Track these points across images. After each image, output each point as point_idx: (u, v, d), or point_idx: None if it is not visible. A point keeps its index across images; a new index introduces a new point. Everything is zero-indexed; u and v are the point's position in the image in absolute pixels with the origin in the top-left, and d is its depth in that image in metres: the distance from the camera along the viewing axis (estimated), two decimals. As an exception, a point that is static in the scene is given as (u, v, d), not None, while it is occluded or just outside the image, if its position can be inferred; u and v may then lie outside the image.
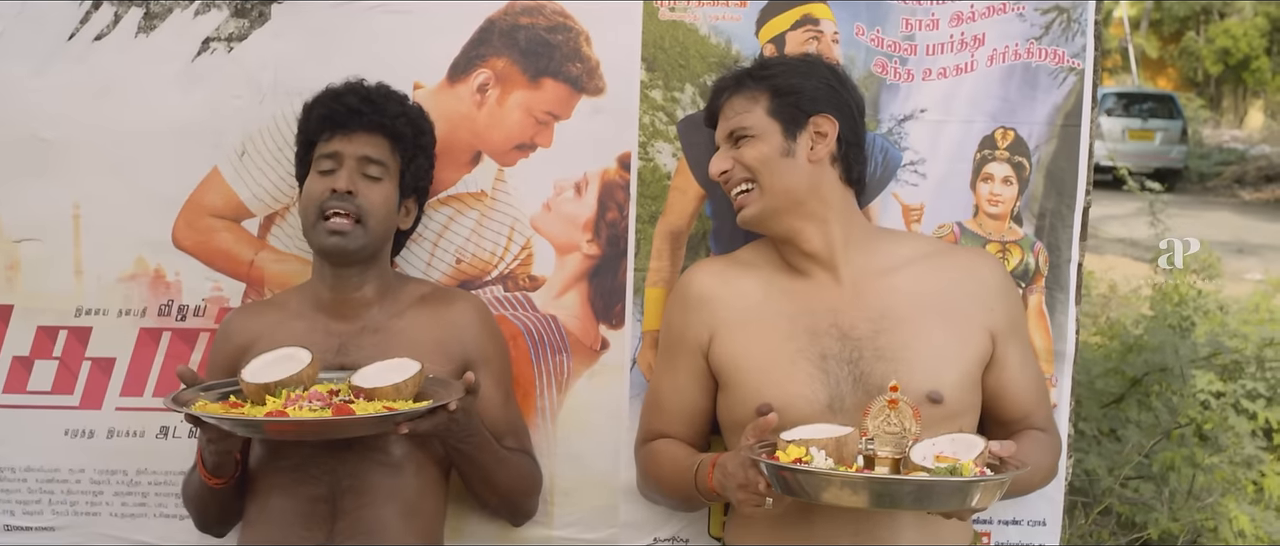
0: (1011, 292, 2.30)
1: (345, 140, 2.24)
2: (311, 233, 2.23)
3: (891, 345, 2.13)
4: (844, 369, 2.12)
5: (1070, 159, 2.48)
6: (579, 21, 2.47)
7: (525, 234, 2.49)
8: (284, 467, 2.21)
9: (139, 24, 2.48)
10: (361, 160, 2.24)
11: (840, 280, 2.20)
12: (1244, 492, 4.27)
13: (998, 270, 2.30)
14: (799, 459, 1.86)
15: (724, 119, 2.24)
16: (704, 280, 2.28)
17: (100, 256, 2.49)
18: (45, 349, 2.51)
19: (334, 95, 2.27)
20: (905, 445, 1.90)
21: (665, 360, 2.32)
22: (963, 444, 1.89)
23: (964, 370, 2.16)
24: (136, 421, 2.51)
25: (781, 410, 2.02)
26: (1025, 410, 2.25)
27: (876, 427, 1.91)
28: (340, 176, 2.21)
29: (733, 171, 2.20)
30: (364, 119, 2.24)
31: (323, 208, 2.20)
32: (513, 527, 2.47)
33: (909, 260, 2.24)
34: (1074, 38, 2.47)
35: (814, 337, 2.15)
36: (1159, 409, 4.54)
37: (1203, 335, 5.19)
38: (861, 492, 1.81)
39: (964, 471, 1.81)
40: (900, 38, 2.46)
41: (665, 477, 2.27)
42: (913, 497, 1.84)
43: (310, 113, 2.29)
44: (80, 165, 2.48)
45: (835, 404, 2.10)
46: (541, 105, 2.47)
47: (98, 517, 2.53)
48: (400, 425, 2.00)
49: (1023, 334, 2.30)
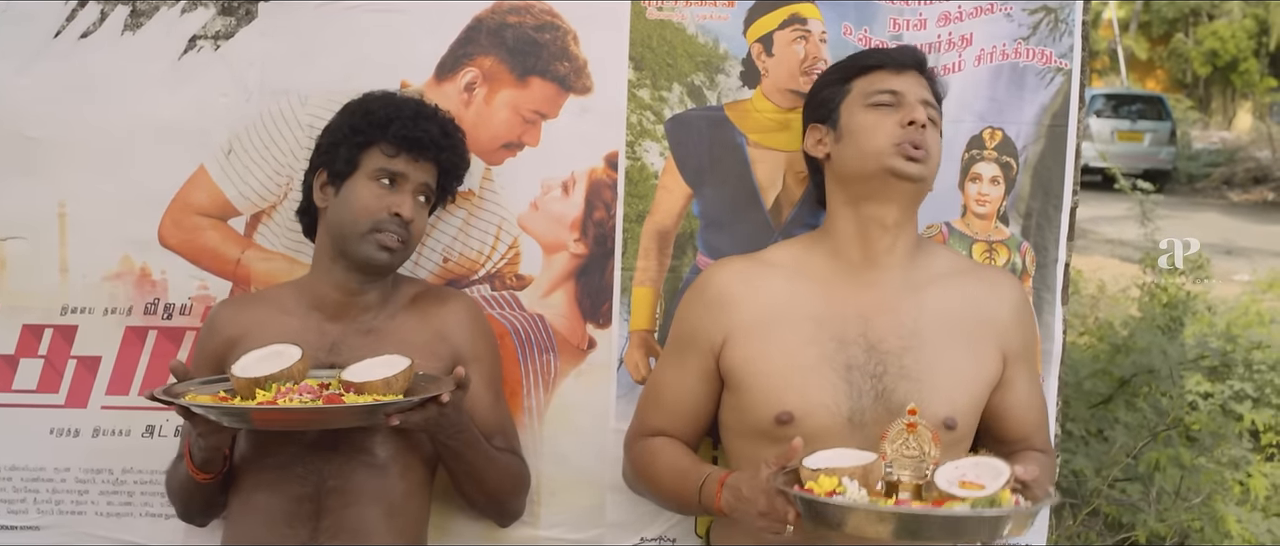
0: (1028, 316, 2.29)
1: (412, 163, 2.23)
2: (357, 241, 2.21)
3: (917, 365, 2.09)
4: (867, 383, 2.08)
5: (1057, 159, 2.48)
6: (566, 20, 2.47)
7: (512, 233, 2.49)
8: (270, 465, 2.20)
9: (125, 22, 2.47)
10: (422, 187, 2.25)
11: (875, 285, 2.15)
12: (1231, 493, 4.28)
13: (1019, 292, 2.27)
14: (833, 491, 1.80)
15: (921, 87, 2.19)
16: (724, 280, 2.22)
17: (86, 255, 2.49)
18: (30, 347, 2.50)
19: (413, 115, 2.25)
20: (925, 470, 1.86)
21: (673, 356, 2.27)
22: (986, 468, 1.84)
23: (976, 394, 2.13)
24: (122, 420, 2.51)
25: (801, 418, 2.00)
26: (1026, 432, 2.22)
27: (895, 451, 1.87)
28: (405, 201, 2.22)
29: (927, 134, 2.13)
30: (440, 153, 2.26)
31: (379, 224, 2.20)
32: (499, 528, 2.47)
33: (941, 276, 2.20)
34: (1061, 38, 2.47)
35: (841, 345, 2.10)
36: (1147, 410, 4.55)
37: (1191, 336, 5.20)
38: (889, 524, 1.74)
39: (1002, 500, 1.76)
40: (888, 37, 2.46)
41: (663, 482, 2.21)
42: (942, 530, 1.77)
43: (378, 120, 2.24)
44: (66, 163, 2.47)
45: (855, 418, 2.06)
46: (529, 104, 2.47)
47: (83, 516, 2.52)
48: (390, 417, 2.00)
49: (1032, 357, 2.28)
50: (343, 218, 2.23)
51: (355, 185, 2.23)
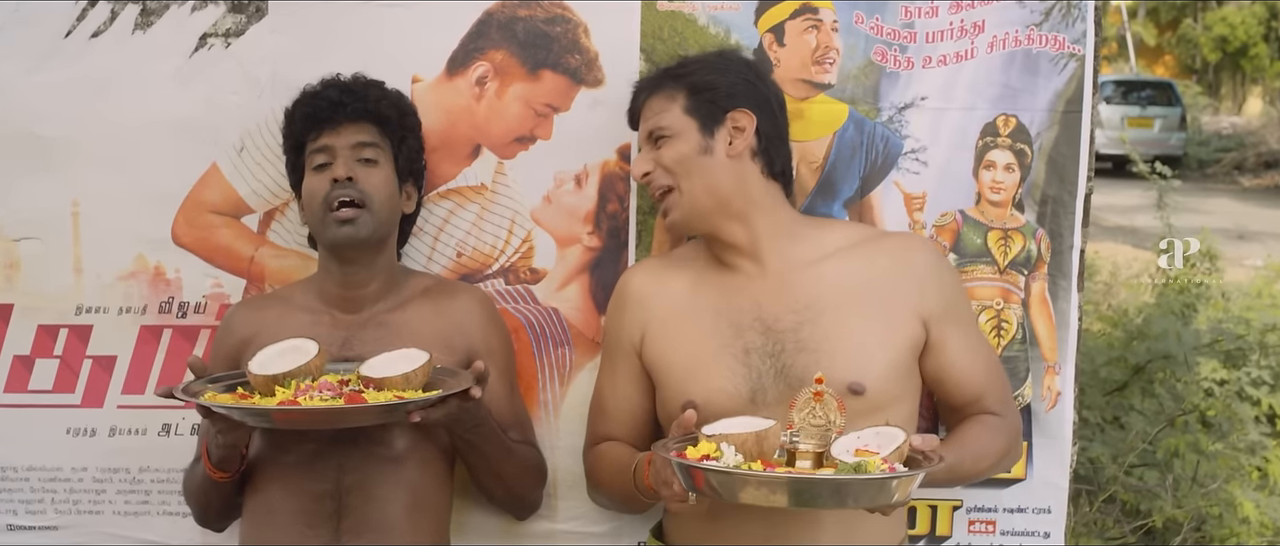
0: (946, 275, 2.27)
1: (333, 134, 2.24)
2: (321, 228, 2.23)
3: (814, 337, 2.12)
4: (766, 362, 2.12)
5: (1072, 145, 2.47)
6: (577, 13, 2.46)
7: (526, 227, 2.49)
8: (287, 463, 2.20)
9: (135, 20, 2.47)
10: (354, 147, 2.24)
11: (766, 272, 2.19)
12: (1248, 479, 4.26)
13: (929, 253, 2.28)
14: (707, 455, 1.84)
15: (644, 120, 2.24)
16: (638, 280, 2.30)
17: (100, 254, 2.49)
18: (46, 348, 2.50)
19: (313, 93, 2.28)
20: (830, 438, 1.89)
21: (605, 362, 2.34)
22: (886, 437, 1.87)
23: (891, 359, 2.14)
24: (138, 419, 2.51)
25: (704, 405, 2.02)
26: (974, 394, 2.22)
27: (802, 420, 1.90)
28: (337, 166, 2.22)
29: (654, 174, 2.19)
30: (347, 109, 2.25)
31: (328, 200, 2.20)
32: (517, 522, 2.47)
33: (837, 249, 2.22)
34: (1074, 23, 2.46)
35: (737, 332, 2.15)
36: (1163, 396, 4.53)
37: (1205, 322, 5.18)
38: (778, 492, 1.78)
39: (869, 468, 1.79)
40: (899, 25, 2.45)
41: (608, 479, 2.26)
42: (831, 495, 1.82)
43: (293, 115, 2.29)
44: (78, 163, 2.47)
45: (757, 397, 2.10)
46: (540, 97, 2.46)
47: (101, 516, 2.53)
48: (412, 414, 2.00)
49: (963, 317, 2.27)
50: (308, 215, 2.27)
51: (306, 182, 2.26)
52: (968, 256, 2.47)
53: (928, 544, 2.52)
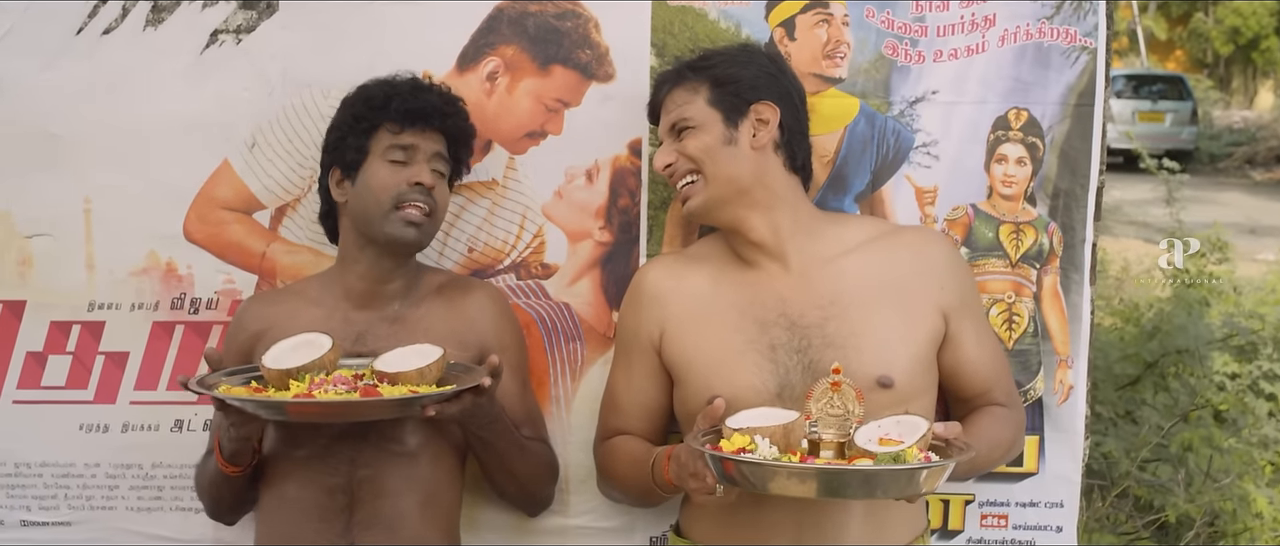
0: (961, 269, 2.30)
1: (420, 135, 2.24)
2: (382, 221, 2.21)
3: (840, 331, 2.13)
4: (793, 358, 2.13)
5: (1084, 139, 2.46)
6: (588, 8, 2.46)
7: (537, 222, 2.49)
8: (300, 457, 2.20)
9: (147, 17, 2.47)
10: (434, 156, 2.25)
11: (789, 268, 2.20)
12: (1262, 473, 4.25)
13: (947, 247, 2.30)
14: (742, 448, 1.85)
15: (666, 112, 2.24)
16: (655, 276, 2.29)
17: (112, 251, 2.49)
18: (59, 344, 2.51)
19: (412, 89, 2.27)
20: (849, 427, 1.90)
21: (620, 358, 2.34)
22: (908, 426, 1.88)
23: (915, 353, 2.15)
24: (151, 415, 2.51)
25: (731, 402, 2.02)
26: (984, 386, 2.25)
27: (820, 410, 1.92)
28: (422, 170, 2.22)
29: (677, 163, 2.20)
30: (444, 119, 2.26)
31: (400, 198, 2.20)
32: (529, 518, 2.47)
33: (858, 245, 2.23)
34: (1086, 17, 2.45)
35: (763, 328, 2.16)
36: (1176, 391, 4.52)
37: (1217, 316, 5.16)
38: (808, 482, 1.80)
39: (907, 457, 1.81)
40: (910, 19, 2.45)
41: (623, 473, 2.27)
42: (861, 486, 1.83)
43: (380, 101, 2.25)
44: (90, 160, 2.48)
45: (785, 393, 2.10)
46: (551, 93, 2.47)
47: (114, 512, 2.53)
48: (427, 408, 2.00)
49: (976, 310, 2.30)
50: (366, 202, 2.23)
51: (370, 169, 2.23)
52: (979, 250, 2.47)
53: (939, 538, 2.52)
